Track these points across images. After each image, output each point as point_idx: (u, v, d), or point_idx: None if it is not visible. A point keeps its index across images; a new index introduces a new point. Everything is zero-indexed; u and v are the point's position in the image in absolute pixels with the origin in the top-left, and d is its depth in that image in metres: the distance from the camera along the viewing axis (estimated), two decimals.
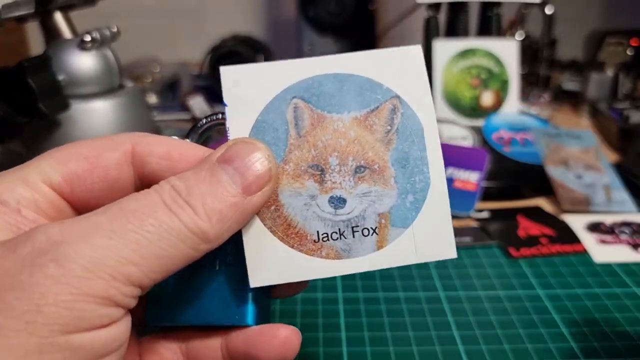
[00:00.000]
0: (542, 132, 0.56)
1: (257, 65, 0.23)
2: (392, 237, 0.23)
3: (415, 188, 0.23)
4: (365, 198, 0.23)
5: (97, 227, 0.18)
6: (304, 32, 0.91)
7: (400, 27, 0.89)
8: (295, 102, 0.23)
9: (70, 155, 0.22)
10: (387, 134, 0.23)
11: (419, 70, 0.24)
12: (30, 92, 0.41)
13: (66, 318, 0.16)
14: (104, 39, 0.49)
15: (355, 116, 0.23)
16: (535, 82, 0.76)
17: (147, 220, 0.18)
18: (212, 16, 1.04)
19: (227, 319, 0.23)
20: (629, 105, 0.68)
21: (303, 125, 0.23)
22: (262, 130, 0.23)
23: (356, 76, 0.23)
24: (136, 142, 0.22)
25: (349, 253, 0.23)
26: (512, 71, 0.61)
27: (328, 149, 0.23)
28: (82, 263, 0.17)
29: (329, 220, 0.23)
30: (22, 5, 0.42)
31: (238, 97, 0.23)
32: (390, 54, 0.24)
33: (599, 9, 1.05)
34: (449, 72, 0.61)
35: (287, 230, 0.22)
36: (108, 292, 0.17)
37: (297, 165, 0.23)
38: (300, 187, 0.23)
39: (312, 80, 0.23)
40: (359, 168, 0.23)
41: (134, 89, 0.54)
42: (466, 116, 0.61)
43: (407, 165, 0.23)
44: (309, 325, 0.34)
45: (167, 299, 0.24)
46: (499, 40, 0.63)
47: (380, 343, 0.33)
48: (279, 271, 0.22)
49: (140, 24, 0.99)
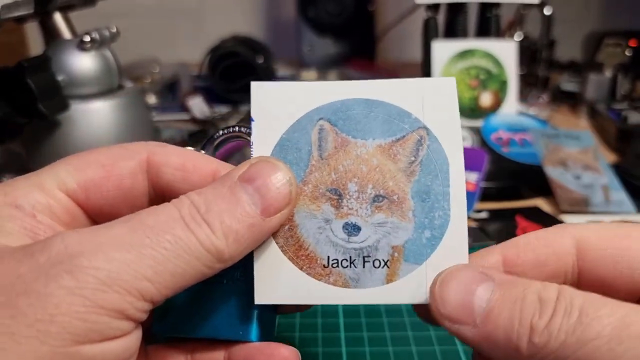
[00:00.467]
0: (540, 133, 0.56)
1: (288, 84, 0.23)
2: (403, 272, 0.22)
3: (433, 224, 0.22)
4: (381, 228, 0.22)
5: (115, 240, 0.18)
6: (303, 33, 0.91)
7: (400, 27, 0.89)
8: (321, 124, 0.23)
9: (87, 162, 0.22)
10: (411, 165, 0.22)
11: (450, 102, 0.23)
12: (30, 93, 0.41)
13: (79, 329, 0.16)
14: (103, 40, 0.49)
15: (380, 144, 0.23)
16: (534, 83, 0.77)
17: (164, 237, 0.18)
18: (212, 17, 1.04)
19: (231, 334, 0.23)
20: (628, 106, 0.68)
21: (326, 147, 0.23)
22: (286, 149, 0.23)
23: (386, 103, 0.23)
24: (152, 152, 0.22)
25: (357, 283, 0.22)
26: (510, 72, 0.61)
27: (348, 174, 0.22)
28: (97, 276, 0.17)
29: (341, 247, 0.22)
30: (21, 6, 0.42)
31: (265, 113, 0.23)
32: (422, 83, 0.23)
33: (598, 10, 1.05)
34: (447, 73, 0.61)
35: (298, 252, 0.22)
36: (122, 305, 0.17)
37: (315, 187, 0.22)
38: (317, 210, 0.22)
39: (342, 103, 0.23)
40: (378, 197, 0.22)
41: (133, 90, 0.54)
42: (465, 117, 0.61)
43: (428, 199, 0.22)
44: (309, 325, 0.34)
45: (175, 310, 0.24)
46: (497, 41, 0.63)
47: (379, 343, 0.33)
48: (285, 291, 0.22)
49: (140, 24, 0.99)
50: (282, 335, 0.33)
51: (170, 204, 0.20)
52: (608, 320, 0.16)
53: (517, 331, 0.17)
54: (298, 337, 0.33)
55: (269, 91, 0.23)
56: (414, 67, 0.70)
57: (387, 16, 0.95)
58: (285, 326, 0.34)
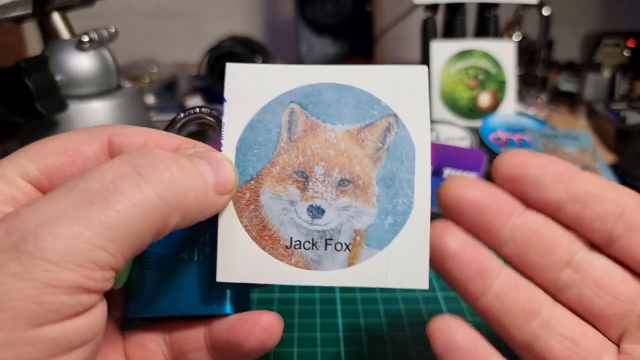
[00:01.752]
0: (539, 133, 0.56)
1: (261, 66, 0.24)
2: (364, 257, 0.22)
3: (396, 210, 0.22)
4: (345, 212, 0.22)
5: (59, 214, 0.17)
6: (301, 33, 0.91)
7: (398, 28, 0.89)
8: (292, 107, 0.23)
9: (48, 150, 0.22)
10: (378, 151, 0.23)
11: (421, 91, 0.23)
12: (28, 93, 0.41)
13: (34, 312, 0.16)
14: (101, 40, 0.49)
15: (349, 129, 0.23)
16: (533, 83, 0.77)
17: (113, 198, 0.17)
18: (210, 17, 1.04)
19: (205, 309, 0.23)
20: (626, 106, 0.68)
21: (296, 130, 0.23)
22: (256, 130, 0.23)
23: (357, 89, 0.23)
24: (113, 134, 0.22)
25: (318, 265, 0.22)
26: (509, 72, 0.61)
27: (316, 157, 0.23)
28: (44, 257, 0.16)
29: (304, 229, 0.22)
30: (19, 6, 0.42)
31: (238, 94, 0.23)
32: (395, 70, 0.23)
33: (596, 10, 1.05)
34: (446, 73, 0.61)
35: (262, 232, 0.22)
36: (78, 280, 0.16)
37: (283, 168, 0.23)
38: (282, 191, 0.23)
39: (313, 87, 0.23)
40: (343, 181, 0.23)
41: (131, 90, 0.54)
42: (463, 117, 0.61)
43: (392, 185, 0.22)
44: (307, 326, 0.34)
45: (147, 290, 0.24)
46: (496, 42, 0.63)
47: (378, 343, 0.33)
48: (246, 270, 0.22)
49: (138, 24, 0.99)
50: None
51: (118, 159, 0.19)
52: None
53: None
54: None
55: (242, 73, 0.23)
56: None
57: (385, 16, 0.95)
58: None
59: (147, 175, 0.18)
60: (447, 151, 0.53)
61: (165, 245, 0.24)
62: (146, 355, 0.23)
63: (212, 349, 0.23)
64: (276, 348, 0.32)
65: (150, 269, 0.24)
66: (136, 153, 0.19)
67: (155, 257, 0.24)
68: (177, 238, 0.24)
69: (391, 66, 0.23)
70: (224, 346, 0.23)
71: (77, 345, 0.17)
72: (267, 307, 0.36)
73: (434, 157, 0.52)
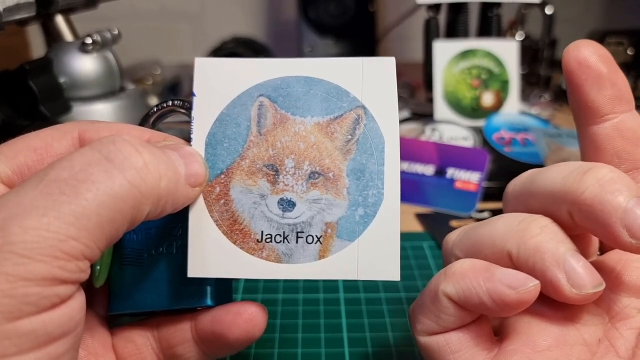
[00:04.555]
0: (542, 133, 0.56)
1: (230, 60, 0.24)
2: (335, 249, 0.22)
3: (367, 202, 0.22)
4: (315, 205, 0.22)
5: (28, 207, 0.16)
6: (304, 34, 0.91)
7: (401, 28, 0.89)
8: (261, 100, 0.23)
9: (18, 149, 0.21)
10: (347, 143, 0.23)
11: (389, 83, 0.23)
12: (32, 95, 0.41)
13: (8, 306, 0.16)
14: (105, 42, 0.49)
15: (318, 122, 0.23)
16: (536, 82, 0.76)
17: (83, 187, 0.17)
18: (213, 18, 1.04)
19: (186, 303, 0.23)
20: None
21: (265, 124, 0.23)
22: (225, 124, 0.23)
23: (326, 82, 0.23)
24: (84, 130, 0.22)
25: (289, 258, 0.22)
26: (512, 72, 0.61)
27: (286, 150, 0.23)
28: (14, 251, 0.16)
29: (275, 222, 0.22)
30: (23, 9, 0.42)
31: (207, 88, 0.23)
32: (362, 63, 0.23)
33: (599, 9, 1.05)
34: (449, 73, 0.61)
35: (233, 226, 0.22)
36: (51, 272, 0.16)
37: (253, 162, 0.23)
38: (253, 185, 0.23)
39: (282, 80, 0.23)
40: (314, 174, 0.23)
41: (135, 92, 0.54)
42: (467, 117, 0.61)
43: (363, 178, 0.22)
44: (311, 326, 0.34)
45: (128, 287, 0.24)
46: (499, 41, 0.63)
47: (382, 344, 0.33)
48: (217, 265, 0.22)
49: (142, 26, 0.99)
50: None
51: (88, 147, 0.18)
52: None
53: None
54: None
55: (211, 67, 0.23)
56: (416, 67, 0.70)
57: (388, 17, 0.95)
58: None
59: (117, 162, 0.18)
60: (450, 151, 0.53)
61: (143, 241, 0.24)
62: (135, 350, 0.24)
63: (199, 341, 0.23)
64: (281, 349, 0.32)
65: (130, 265, 0.24)
66: (106, 140, 0.19)
67: (134, 252, 0.24)
68: (154, 233, 0.24)
69: (359, 58, 0.23)
70: (209, 337, 0.23)
71: (58, 337, 0.17)
72: (271, 308, 0.36)
73: (438, 157, 0.52)
